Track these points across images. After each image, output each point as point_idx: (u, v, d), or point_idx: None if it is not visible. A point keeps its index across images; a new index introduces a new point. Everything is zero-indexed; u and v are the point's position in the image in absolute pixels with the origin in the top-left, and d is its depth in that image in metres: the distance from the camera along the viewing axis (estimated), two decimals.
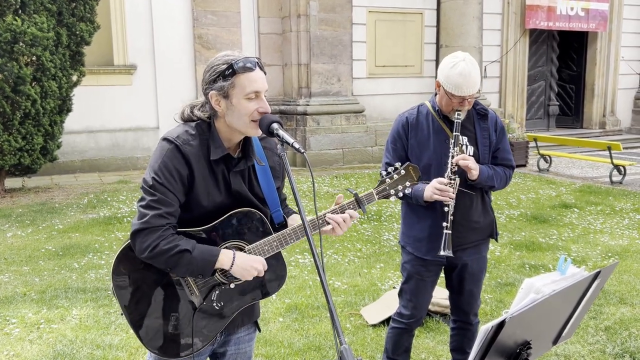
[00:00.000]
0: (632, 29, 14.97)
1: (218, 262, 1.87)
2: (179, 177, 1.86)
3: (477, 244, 2.89)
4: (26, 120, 7.97)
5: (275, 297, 4.51)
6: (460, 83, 2.61)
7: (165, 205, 1.83)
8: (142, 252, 1.82)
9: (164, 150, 1.87)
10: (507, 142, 2.92)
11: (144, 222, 1.81)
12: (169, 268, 1.86)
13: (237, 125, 1.91)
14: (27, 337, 3.85)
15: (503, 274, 5.08)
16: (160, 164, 1.85)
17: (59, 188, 8.90)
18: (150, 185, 1.84)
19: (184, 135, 1.90)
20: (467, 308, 2.99)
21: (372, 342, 3.79)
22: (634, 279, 4.90)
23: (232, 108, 1.88)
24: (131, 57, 10.44)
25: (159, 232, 1.81)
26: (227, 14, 10.87)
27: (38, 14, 7.83)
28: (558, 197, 8.31)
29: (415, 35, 12.44)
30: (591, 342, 3.75)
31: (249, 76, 1.86)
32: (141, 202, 1.85)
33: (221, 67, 1.86)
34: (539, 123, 15.02)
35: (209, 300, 1.95)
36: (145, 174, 1.88)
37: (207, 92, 1.90)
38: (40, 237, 6.27)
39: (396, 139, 2.86)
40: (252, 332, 2.19)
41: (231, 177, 1.95)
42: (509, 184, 3.06)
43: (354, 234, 6.37)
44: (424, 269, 2.90)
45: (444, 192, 2.63)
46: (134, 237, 1.83)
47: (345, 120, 11.36)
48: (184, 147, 1.87)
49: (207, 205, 1.92)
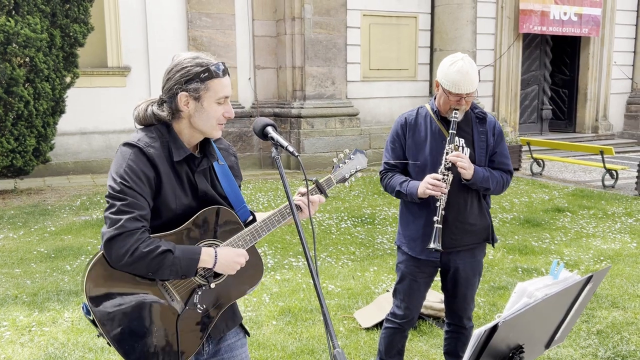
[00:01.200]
0: (625, 34, 15.08)
1: (201, 260, 1.84)
2: (147, 180, 1.83)
3: (472, 247, 2.90)
4: (19, 122, 7.93)
5: (268, 300, 4.50)
6: (457, 80, 2.66)
7: (138, 209, 1.78)
8: (121, 259, 1.74)
9: (127, 154, 1.84)
10: (505, 146, 2.96)
11: (118, 227, 1.74)
12: (150, 272, 1.79)
13: (202, 127, 1.92)
14: (19, 340, 3.83)
15: (496, 277, 5.09)
16: (126, 167, 1.81)
17: (51, 190, 8.85)
18: (118, 190, 1.79)
19: (145, 138, 1.88)
20: (461, 312, 3.00)
21: (366, 345, 3.79)
22: (626, 283, 4.92)
23: (201, 110, 1.89)
24: (125, 58, 10.41)
25: (136, 235, 1.75)
26: (221, 16, 10.86)
27: (31, 15, 7.80)
28: (551, 201, 8.35)
29: (410, 38, 12.48)
30: (583, 345, 3.77)
31: (222, 81, 1.90)
32: (110, 209, 1.78)
33: (196, 69, 1.87)
34: (532, 127, 15.08)
35: (191, 304, 1.91)
36: (109, 181, 1.83)
37: (176, 92, 1.89)
38: (32, 239, 6.23)
39: (395, 139, 2.92)
40: (242, 337, 2.17)
41: (196, 177, 1.95)
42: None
43: (347, 237, 6.37)
44: (418, 270, 2.91)
45: (437, 187, 2.66)
46: (109, 244, 1.74)
47: (339, 123, 11.37)
48: (147, 149, 1.85)
49: (175, 209, 1.89)
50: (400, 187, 2.83)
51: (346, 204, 7.96)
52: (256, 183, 9.44)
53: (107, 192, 1.83)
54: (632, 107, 15.39)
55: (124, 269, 1.78)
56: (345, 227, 6.81)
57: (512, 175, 2.98)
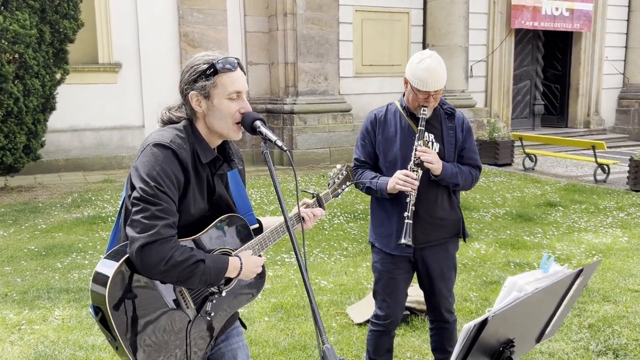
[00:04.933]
0: (616, 29, 15.13)
1: (228, 270, 1.84)
2: (177, 184, 1.78)
3: (443, 242, 2.90)
4: (9, 119, 7.85)
5: (260, 297, 4.49)
6: (425, 78, 2.66)
7: (172, 215, 1.73)
8: (156, 266, 1.69)
9: (160, 156, 1.76)
10: (474, 142, 2.96)
11: (153, 233, 1.67)
12: (180, 281, 1.76)
13: (218, 127, 1.87)
14: (8, 339, 3.79)
15: (488, 272, 5.10)
16: (160, 170, 1.73)
17: (42, 187, 8.79)
18: (152, 194, 1.71)
19: (176, 139, 1.81)
20: (441, 306, 2.99)
21: (358, 341, 3.78)
22: (618, 277, 4.94)
23: (213, 109, 1.84)
24: (116, 55, 10.34)
25: (170, 242, 1.70)
26: (213, 12, 10.81)
27: (20, 11, 7.72)
28: (543, 196, 8.37)
29: (402, 34, 12.47)
30: (575, 339, 3.78)
31: (231, 76, 1.84)
32: (143, 212, 1.69)
33: (202, 67, 1.83)
34: (524, 122, 15.13)
35: (204, 311, 1.90)
36: (139, 183, 1.73)
37: (186, 92, 1.86)
38: (22, 237, 6.19)
39: (365, 135, 2.92)
40: (238, 326, 2.17)
41: (215, 180, 1.92)
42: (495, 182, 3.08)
43: (340, 233, 6.36)
44: (394, 267, 2.91)
45: (406, 183, 2.67)
46: (141, 251, 1.67)
47: (332, 119, 11.36)
48: (180, 151, 1.79)
49: (194, 213, 1.86)
50: (370, 183, 2.82)
51: (339, 199, 7.95)
52: (249, 180, 9.41)
53: (137, 195, 1.72)
54: (624, 102, 15.46)
55: (155, 276, 1.74)
56: (338, 223, 6.80)
57: (481, 171, 2.99)
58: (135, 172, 1.76)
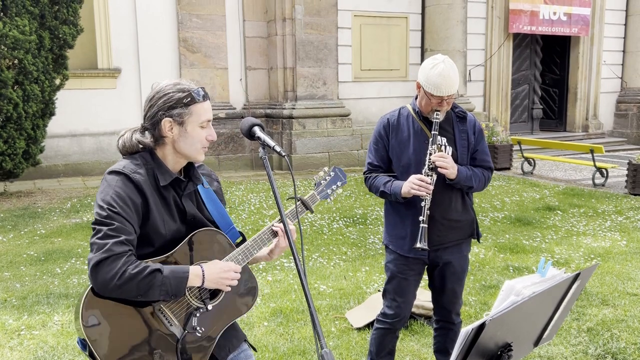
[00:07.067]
0: (614, 34, 15.18)
1: (189, 279, 1.84)
2: (134, 206, 1.83)
3: (458, 243, 2.94)
4: (8, 124, 7.86)
5: (260, 301, 4.49)
6: (439, 83, 2.68)
7: (124, 233, 1.78)
8: (109, 283, 1.72)
9: (113, 181, 1.84)
10: (486, 144, 2.99)
11: (105, 250, 1.73)
12: (140, 295, 1.76)
13: (187, 151, 1.94)
14: (7, 344, 3.79)
15: (487, 276, 5.10)
16: (113, 194, 1.81)
17: (41, 192, 8.79)
18: (105, 215, 1.78)
19: (130, 165, 1.89)
20: (450, 307, 3.02)
21: (357, 345, 3.78)
22: (616, 281, 4.95)
23: (185, 135, 1.92)
24: (115, 60, 10.36)
25: (123, 258, 1.74)
26: (212, 17, 10.84)
27: (20, 17, 7.74)
28: (542, 200, 8.38)
29: (400, 39, 12.50)
30: (574, 343, 3.78)
31: (204, 105, 1.94)
32: (97, 234, 1.77)
33: (178, 95, 1.90)
34: (522, 126, 15.15)
35: (190, 327, 1.91)
36: (96, 208, 1.82)
37: (160, 118, 1.91)
38: (22, 242, 6.19)
39: (378, 139, 2.95)
40: (247, 349, 2.16)
41: (183, 201, 1.97)
42: (493, 187, 3.10)
43: (339, 238, 6.37)
44: (407, 268, 2.93)
45: (421, 187, 2.69)
46: (95, 269, 1.72)
47: (331, 124, 11.37)
48: (133, 175, 1.86)
49: (165, 234, 1.90)
50: (384, 187, 2.85)
51: (338, 204, 7.96)
52: (248, 184, 9.41)
53: (93, 219, 1.82)
54: (622, 105, 15.49)
55: (112, 293, 1.75)
56: (337, 227, 6.80)
57: (493, 172, 3.03)
58: (95, 201, 1.86)
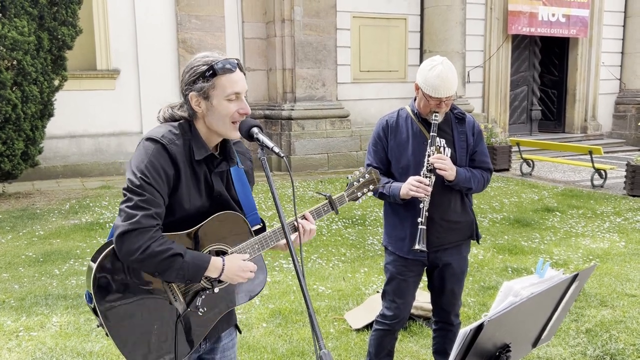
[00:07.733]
0: (612, 35, 15.20)
1: (208, 269, 1.84)
2: (166, 178, 1.82)
3: (457, 244, 2.94)
4: (6, 125, 7.86)
5: (259, 303, 4.49)
6: (437, 85, 2.68)
7: (154, 206, 1.77)
8: (131, 254, 1.73)
9: (150, 149, 1.81)
10: (485, 145, 2.99)
11: (133, 222, 1.73)
12: (157, 272, 1.79)
13: (216, 127, 1.89)
14: (6, 346, 3.79)
15: (486, 277, 5.11)
16: (147, 163, 1.79)
17: (40, 194, 8.79)
18: (137, 185, 1.77)
19: (168, 134, 1.86)
20: (449, 308, 3.02)
21: (356, 346, 3.78)
22: (615, 282, 4.95)
23: (212, 109, 1.87)
24: (114, 61, 10.36)
25: (150, 232, 1.74)
26: (211, 18, 10.84)
27: (19, 18, 7.74)
28: (540, 201, 8.39)
29: (399, 40, 12.52)
30: (572, 344, 3.79)
31: (230, 77, 1.86)
32: (127, 202, 1.76)
33: (201, 68, 1.85)
34: (521, 128, 15.17)
35: (194, 306, 1.91)
36: (129, 174, 1.80)
37: (186, 93, 1.89)
38: (20, 244, 6.18)
39: (377, 141, 2.95)
40: (234, 337, 2.18)
41: (213, 178, 1.94)
42: (492, 188, 3.10)
43: (338, 239, 6.36)
44: (406, 269, 2.93)
45: (419, 189, 2.69)
46: (121, 238, 1.74)
47: (330, 125, 11.38)
48: (170, 146, 1.83)
49: (188, 209, 1.88)
50: (383, 189, 2.85)
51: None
52: None
53: (125, 186, 1.80)
54: (621, 107, 15.51)
55: (132, 264, 1.78)
56: (336, 228, 6.80)
57: (492, 173, 3.03)
58: (128, 166, 1.84)
